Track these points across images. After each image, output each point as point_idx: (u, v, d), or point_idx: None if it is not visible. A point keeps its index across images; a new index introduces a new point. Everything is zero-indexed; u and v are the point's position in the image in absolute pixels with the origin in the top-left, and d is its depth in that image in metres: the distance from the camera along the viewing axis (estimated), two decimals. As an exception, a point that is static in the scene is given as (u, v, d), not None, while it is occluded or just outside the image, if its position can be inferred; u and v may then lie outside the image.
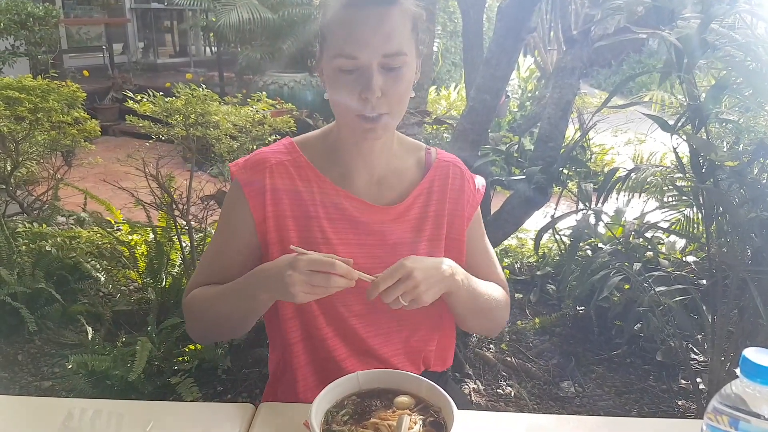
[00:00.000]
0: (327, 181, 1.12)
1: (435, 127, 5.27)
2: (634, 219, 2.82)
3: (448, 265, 1.06)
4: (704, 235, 2.20)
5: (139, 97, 2.45)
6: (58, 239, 2.86)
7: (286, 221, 1.11)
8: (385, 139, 1.11)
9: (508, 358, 2.70)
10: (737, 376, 0.68)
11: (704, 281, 2.41)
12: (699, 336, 2.63)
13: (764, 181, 1.93)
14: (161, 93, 2.49)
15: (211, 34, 9.56)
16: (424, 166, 1.20)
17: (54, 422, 0.95)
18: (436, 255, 1.15)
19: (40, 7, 6.36)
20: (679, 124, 1.93)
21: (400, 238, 1.14)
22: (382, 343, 1.15)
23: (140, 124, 2.51)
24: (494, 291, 1.19)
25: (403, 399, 0.90)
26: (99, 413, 0.97)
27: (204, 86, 2.51)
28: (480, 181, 1.26)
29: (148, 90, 2.51)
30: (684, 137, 1.94)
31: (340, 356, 1.12)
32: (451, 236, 1.19)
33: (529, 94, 6.53)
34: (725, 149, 2.18)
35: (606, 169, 4.69)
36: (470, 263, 1.21)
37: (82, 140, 3.41)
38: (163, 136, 2.50)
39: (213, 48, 10.28)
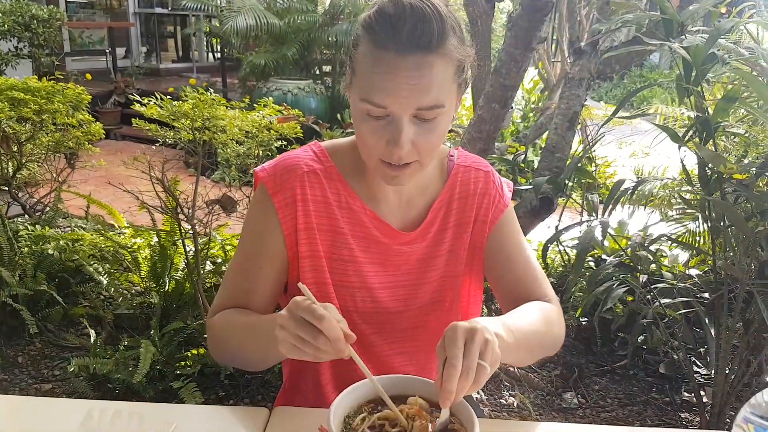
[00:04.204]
0: (356, 197, 1.07)
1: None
2: (639, 231, 2.82)
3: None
4: (710, 248, 2.20)
5: (146, 101, 2.45)
6: (61, 242, 2.86)
7: (314, 234, 1.05)
8: None
9: (511, 368, 2.69)
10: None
11: (707, 294, 2.41)
12: (702, 349, 2.63)
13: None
14: (168, 96, 2.49)
15: (215, 40, 9.60)
16: (446, 174, 1.13)
17: (75, 422, 0.95)
18: (456, 266, 1.14)
19: (45, 10, 6.38)
20: (688, 136, 1.94)
21: (422, 254, 1.12)
22: (414, 371, 1.14)
23: (147, 128, 2.50)
24: (539, 320, 1.02)
25: (418, 400, 0.88)
26: (101, 413, 0.97)
27: (211, 90, 2.51)
28: (508, 186, 1.18)
29: (155, 93, 2.50)
30: (692, 149, 1.95)
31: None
32: (473, 242, 1.14)
33: (533, 105, 6.55)
34: (733, 162, 2.18)
35: (608, 181, 4.71)
36: (509, 276, 1.11)
37: (86, 143, 3.40)
38: (169, 140, 2.50)
39: (216, 54, 10.33)
